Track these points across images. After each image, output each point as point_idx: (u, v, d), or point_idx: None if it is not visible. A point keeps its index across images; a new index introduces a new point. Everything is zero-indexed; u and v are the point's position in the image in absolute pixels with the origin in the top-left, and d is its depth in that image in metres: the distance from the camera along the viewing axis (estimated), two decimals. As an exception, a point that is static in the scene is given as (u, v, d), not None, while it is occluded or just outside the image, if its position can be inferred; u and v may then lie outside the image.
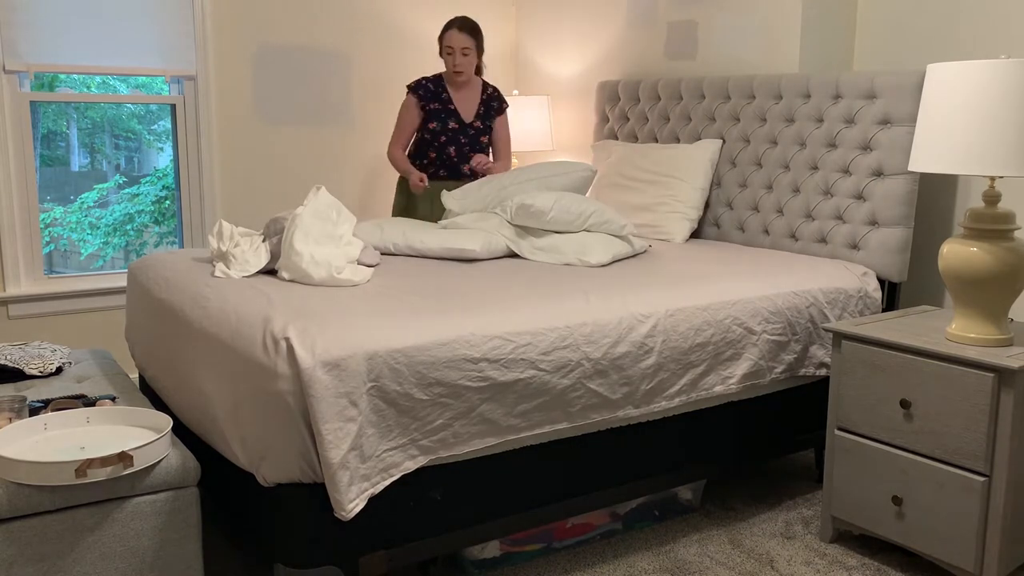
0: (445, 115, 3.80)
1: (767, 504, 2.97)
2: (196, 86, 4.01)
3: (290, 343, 1.99)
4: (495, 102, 3.93)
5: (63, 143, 4.98)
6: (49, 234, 4.74)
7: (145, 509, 2.02)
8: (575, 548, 2.65)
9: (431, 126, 3.80)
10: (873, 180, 3.12)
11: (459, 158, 3.84)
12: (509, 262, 2.97)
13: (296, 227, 2.61)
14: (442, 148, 3.81)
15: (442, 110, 3.80)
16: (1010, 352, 2.32)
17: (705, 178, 3.57)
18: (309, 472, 2.01)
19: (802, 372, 2.84)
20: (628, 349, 2.41)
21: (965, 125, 2.24)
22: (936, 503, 2.41)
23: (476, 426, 2.19)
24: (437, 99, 3.80)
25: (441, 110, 3.80)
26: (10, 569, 1.88)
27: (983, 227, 2.37)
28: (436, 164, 3.84)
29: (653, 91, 3.95)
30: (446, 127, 3.80)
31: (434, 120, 3.79)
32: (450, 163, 3.84)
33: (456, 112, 3.82)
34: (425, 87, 3.81)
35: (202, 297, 2.45)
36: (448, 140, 3.81)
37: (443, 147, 3.81)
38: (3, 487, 1.89)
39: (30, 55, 3.64)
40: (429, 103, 3.79)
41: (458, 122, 3.82)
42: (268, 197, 4.28)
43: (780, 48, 3.53)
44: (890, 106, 3.07)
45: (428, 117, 3.80)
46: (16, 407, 2.21)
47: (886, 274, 3.09)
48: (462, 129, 3.83)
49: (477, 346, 2.17)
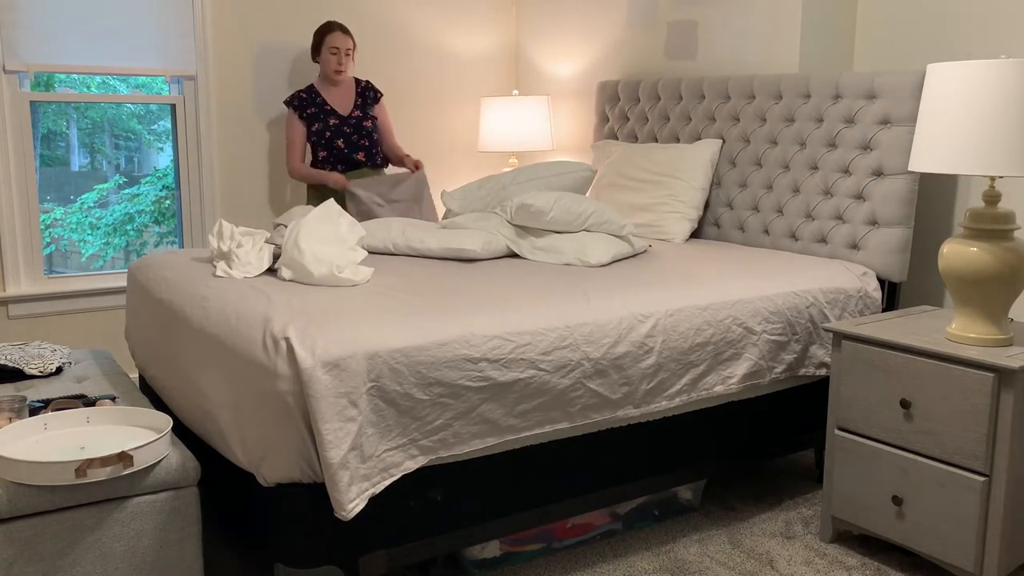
0: (323, 115, 3.99)
1: (767, 504, 2.97)
2: (196, 86, 4.01)
3: (290, 343, 1.99)
4: (370, 92, 4.15)
5: (63, 143, 4.97)
6: (49, 234, 4.74)
7: (145, 509, 2.02)
8: (575, 548, 2.65)
9: (314, 128, 3.99)
10: (873, 180, 3.12)
11: (348, 148, 4.02)
12: (509, 262, 2.97)
13: (301, 227, 2.61)
14: (330, 143, 3.99)
15: (319, 112, 3.99)
16: (1010, 352, 2.32)
17: (705, 178, 3.57)
18: (309, 472, 2.02)
19: (802, 372, 2.84)
20: (628, 349, 2.41)
21: (965, 125, 2.24)
22: (936, 503, 2.41)
23: (476, 426, 2.19)
24: (312, 104, 4.00)
25: (318, 112, 3.99)
26: (10, 569, 1.88)
27: (983, 227, 2.37)
28: (329, 161, 4.01)
29: (653, 91, 3.95)
30: (327, 124, 3.98)
31: (315, 122, 3.98)
32: (342, 156, 4.02)
33: (333, 110, 4.01)
34: (299, 97, 4.01)
35: (202, 297, 2.45)
36: (333, 134, 3.99)
37: (331, 142, 3.99)
38: (3, 487, 1.89)
39: (30, 55, 3.64)
40: (305, 110, 3.99)
41: (337, 117, 4.00)
42: (268, 197, 4.28)
43: (780, 48, 3.53)
44: (890, 106, 3.07)
45: (309, 121, 3.99)
46: (16, 407, 2.21)
47: (886, 274, 3.09)
48: (343, 122, 4.01)
49: (477, 346, 2.17)
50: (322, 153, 4.01)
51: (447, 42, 4.70)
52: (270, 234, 2.87)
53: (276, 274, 2.63)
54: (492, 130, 4.50)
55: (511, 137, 4.46)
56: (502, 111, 4.47)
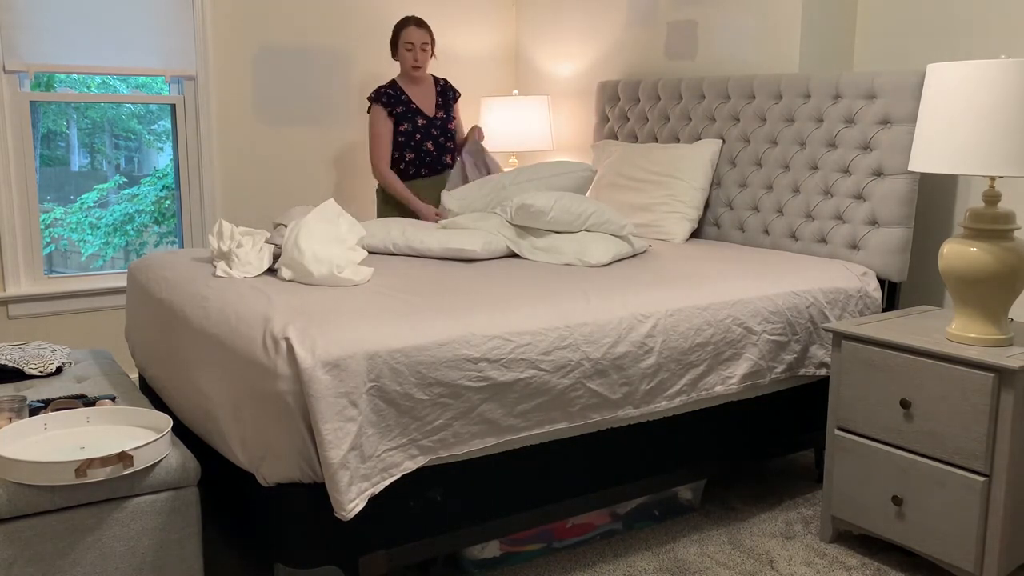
0: (411, 115, 3.89)
1: (767, 504, 2.97)
2: (196, 86, 4.01)
3: (290, 343, 1.99)
4: (450, 91, 4.06)
5: (63, 143, 4.98)
6: (49, 234, 4.74)
7: (145, 509, 2.02)
8: (575, 548, 2.65)
9: (402, 128, 3.88)
10: (873, 180, 3.12)
11: (437, 151, 3.94)
12: (509, 262, 2.97)
13: (301, 228, 2.62)
14: (419, 146, 3.90)
15: (407, 111, 3.89)
16: (1010, 352, 2.32)
17: (705, 178, 3.57)
18: (309, 472, 2.02)
19: (802, 372, 2.84)
20: (628, 349, 2.41)
21: (965, 125, 2.24)
22: (936, 503, 2.41)
23: (476, 426, 2.19)
24: (399, 102, 3.89)
25: (406, 111, 3.89)
26: (10, 569, 1.88)
27: (983, 227, 2.37)
28: (416, 164, 3.92)
29: (653, 91, 3.95)
30: (416, 125, 3.88)
31: (403, 122, 3.88)
32: (430, 158, 3.93)
33: (419, 109, 3.91)
34: (387, 94, 3.90)
35: (202, 297, 2.45)
36: (423, 137, 3.90)
37: (420, 144, 3.90)
38: (3, 487, 1.89)
39: (30, 55, 3.64)
40: (394, 108, 3.88)
41: (424, 118, 3.91)
42: (268, 197, 4.28)
43: (780, 48, 3.53)
44: (890, 106, 3.07)
45: (397, 121, 3.88)
46: (16, 407, 2.21)
47: (886, 274, 3.09)
48: (430, 123, 3.92)
49: (477, 346, 2.17)
50: (409, 155, 3.89)
51: (447, 42, 4.70)
52: (270, 234, 2.87)
53: (276, 274, 2.63)
54: (492, 130, 4.50)
55: (511, 137, 4.46)
56: (502, 111, 4.47)
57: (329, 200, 2.86)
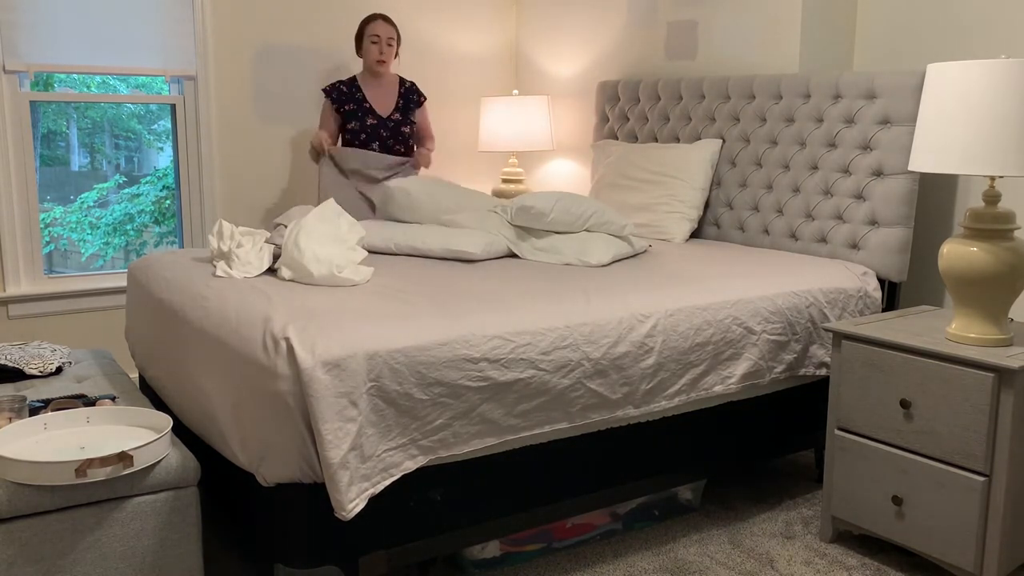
0: (361, 113, 3.89)
1: (767, 504, 2.97)
2: (196, 86, 4.01)
3: (290, 343, 1.99)
4: (414, 95, 4.04)
5: (63, 143, 4.98)
6: (49, 234, 4.74)
7: (145, 509, 2.02)
8: (575, 548, 2.65)
9: (350, 126, 3.88)
10: (873, 180, 3.12)
11: (383, 152, 3.92)
12: (509, 262, 2.97)
13: (300, 227, 2.62)
14: (363, 146, 3.90)
15: (357, 109, 3.89)
16: (1010, 352, 2.32)
17: (705, 178, 3.57)
18: (309, 472, 2.01)
19: (802, 372, 2.84)
20: (628, 349, 2.41)
21: (965, 125, 2.24)
22: (936, 503, 2.41)
23: (476, 426, 2.19)
24: (351, 100, 3.89)
25: (356, 109, 3.89)
26: (10, 569, 1.88)
27: (983, 227, 2.37)
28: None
29: (653, 91, 3.95)
30: (364, 124, 3.88)
31: (352, 120, 3.88)
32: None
33: (372, 109, 3.90)
34: (339, 89, 3.90)
35: (202, 297, 2.45)
36: (369, 137, 3.89)
37: (365, 145, 3.90)
38: (3, 487, 1.89)
39: (30, 55, 3.64)
40: (343, 105, 3.89)
41: (376, 117, 3.90)
42: (268, 197, 4.28)
43: (780, 48, 3.53)
44: (890, 106, 3.07)
45: (345, 118, 3.89)
46: (16, 407, 2.21)
47: (886, 274, 3.09)
48: (381, 124, 3.91)
49: (477, 346, 2.17)
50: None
51: (447, 42, 4.70)
52: (270, 234, 2.87)
53: (276, 274, 2.63)
54: (492, 130, 4.50)
55: (511, 137, 4.46)
56: (502, 111, 4.47)
57: (329, 200, 2.86)
